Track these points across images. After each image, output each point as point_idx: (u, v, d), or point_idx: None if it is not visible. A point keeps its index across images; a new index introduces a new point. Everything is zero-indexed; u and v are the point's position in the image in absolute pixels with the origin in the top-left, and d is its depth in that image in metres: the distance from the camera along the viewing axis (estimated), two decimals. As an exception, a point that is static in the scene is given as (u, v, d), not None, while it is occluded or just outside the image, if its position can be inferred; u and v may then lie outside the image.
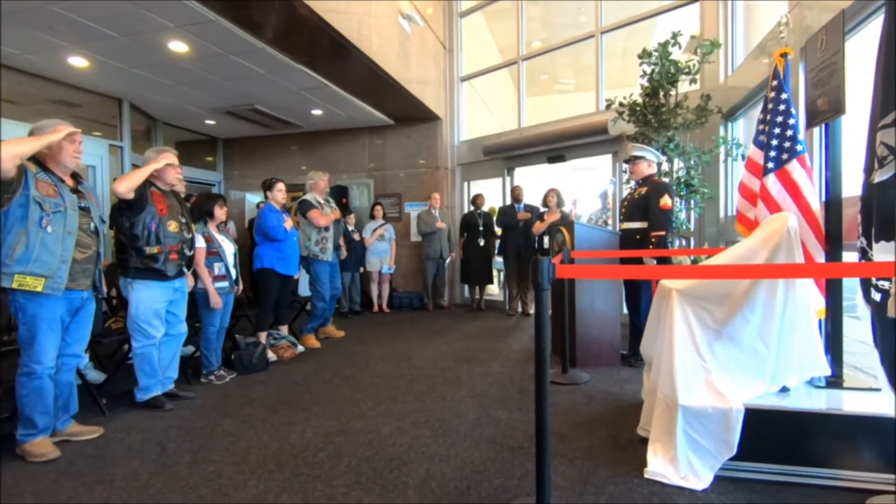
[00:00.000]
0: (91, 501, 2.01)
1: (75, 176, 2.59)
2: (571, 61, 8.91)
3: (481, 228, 6.78)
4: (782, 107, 2.88)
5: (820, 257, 2.65)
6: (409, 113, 7.18)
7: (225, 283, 3.69)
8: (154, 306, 3.04)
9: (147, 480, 2.18)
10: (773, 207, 2.85)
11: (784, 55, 2.93)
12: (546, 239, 6.13)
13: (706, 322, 2.27)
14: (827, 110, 2.33)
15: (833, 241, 2.47)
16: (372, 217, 7.10)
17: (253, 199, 8.63)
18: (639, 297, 3.98)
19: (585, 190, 7.84)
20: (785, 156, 2.84)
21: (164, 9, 3.86)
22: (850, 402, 2.13)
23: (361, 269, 6.91)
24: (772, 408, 2.08)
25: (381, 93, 6.26)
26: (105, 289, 2.78)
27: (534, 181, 7.60)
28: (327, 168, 8.17)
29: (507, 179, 7.21)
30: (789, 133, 2.83)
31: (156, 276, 3.02)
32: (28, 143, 2.27)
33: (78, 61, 4.88)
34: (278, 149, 8.40)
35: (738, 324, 2.22)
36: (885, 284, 1.75)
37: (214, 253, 3.64)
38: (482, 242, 6.77)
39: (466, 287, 7.36)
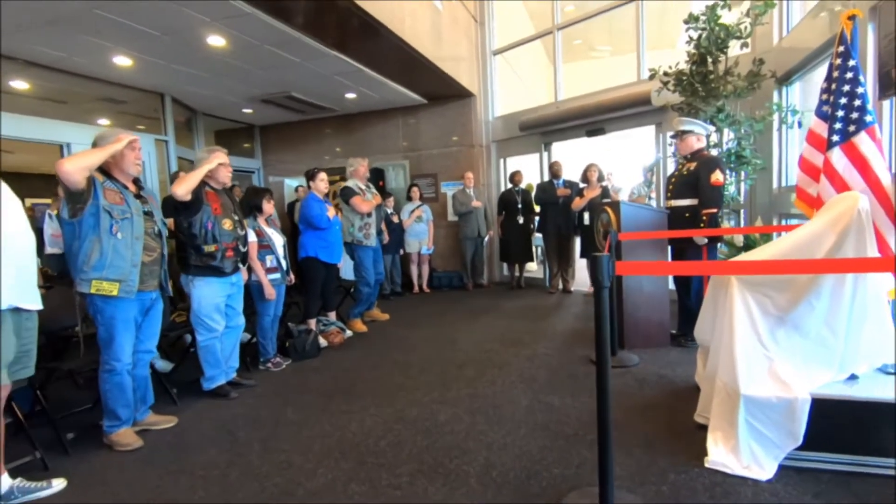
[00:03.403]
0: (177, 490, 2.17)
1: (136, 181, 2.71)
2: (606, 24, 8.51)
3: (520, 206, 6.72)
4: (849, 74, 2.71)
5: (891, 236, 2.52)
6: (441, 91, 7.08)
7: (277, 275, 3.82)
8: (214, 301, 3.19)
9: (224, 469, 2.33)
10: (839, 183, 2.72)
11: (852, 17, 2.73)
12: (586, 216, 6.05)
13: (768, 309, 2.21)
14: (903, 81, 2.17)
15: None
16: (409, 199, 7.13)
17: (291, 183, 8.79)
18: (688, 276, 3.89)
19: (627, 162, 7.61)
20: (852, 127, 2.69)
21: (202, 5, 3.90)
22: (926, 391, 2.05)
23: (401, 251, 6.99)
24: (840, 397, 2.02)
25: (414, 73, 6.19)
26: (170, 287, 2.92)
27: (572, 154, 7.44)
28: (362, 151, 8.21)
29: (545, 155, 7.07)
30: (857, 103, 2.67)
31: (215, 273, 3.15)
32: (94, 154, 2.38)
33: (122, 60, 5.01)
34: (313, 133, 8.48)
35: (803, 311, 2.16)
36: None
37: (265, 246, 3.76)
38: (521, 220, 6.71)
39: (505, 265, 7.36)
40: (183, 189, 2.91)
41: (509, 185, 6.94)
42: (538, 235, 6.91)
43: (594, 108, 5.97)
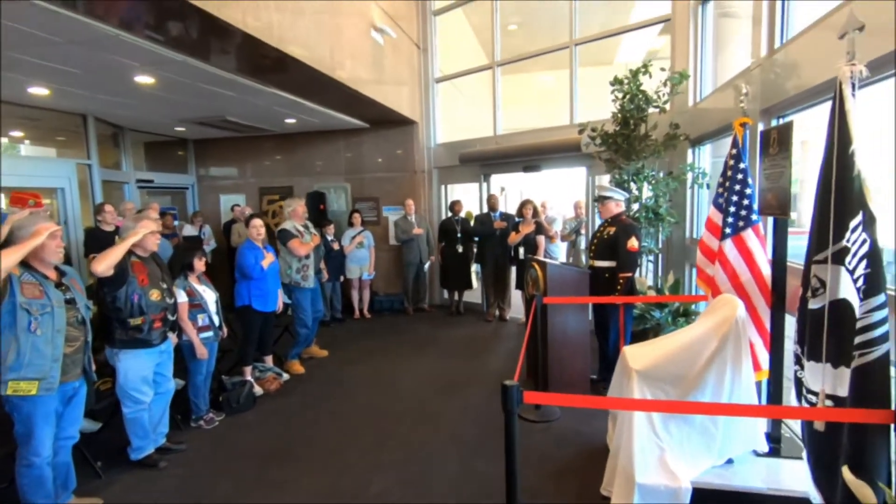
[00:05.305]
0: None
1: (57, 266, 2.63)
2: (547, 36, 8.53)
3: (459, 235, 6.90)
4: (740, 176, 3.05)
5: (766, 318, 2.90)
6: (384, 117, 7.11)
7: (209, 333, 3.78)
8: (142, 373, 3.14)
9: (153, 566, 2.35)
10: (730, 271, 3.07)
11: (743, 124, 3.07)
12: (522, 250, 6.34)
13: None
14: (775, 206, 2.51)
15: (777, 309, 2.70)
16: (350, 224, 7.14)
17: (226, 200, 8.52)
18: (607, 324, 4.22)
19: (561, 194, 8.00)
20: (741, 223, 3.03)
21: (128, 52, 3.74)
22: (788, 476, 2.41)
23: (342, 278, 7.00)
24: (716, 487, 2.35)
25: (354, 105, 6.20)
26: (94, 369, 2.85)
27: (511, 183, 7.70)
28: (304, 170, 8.14)
29: (484, 185, 7.29)
30: (745, 202, 3.01)
31: (142, 345, 3.10)
32: (12, 255, 2.29)
33: (38, 90, 4.71)
34: (252, 149, 8.24)
35: (691, 403, 2.46)
36: (812, 398, 1.98)
37: (197, 305, 3.71)
38: (460, 249, 6.91)
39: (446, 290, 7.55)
40: (104, 266, 2.81)
41: (449, 214, 7.11)
42: (476, 265, 7.15)
43: (530, 148, 6.24)
